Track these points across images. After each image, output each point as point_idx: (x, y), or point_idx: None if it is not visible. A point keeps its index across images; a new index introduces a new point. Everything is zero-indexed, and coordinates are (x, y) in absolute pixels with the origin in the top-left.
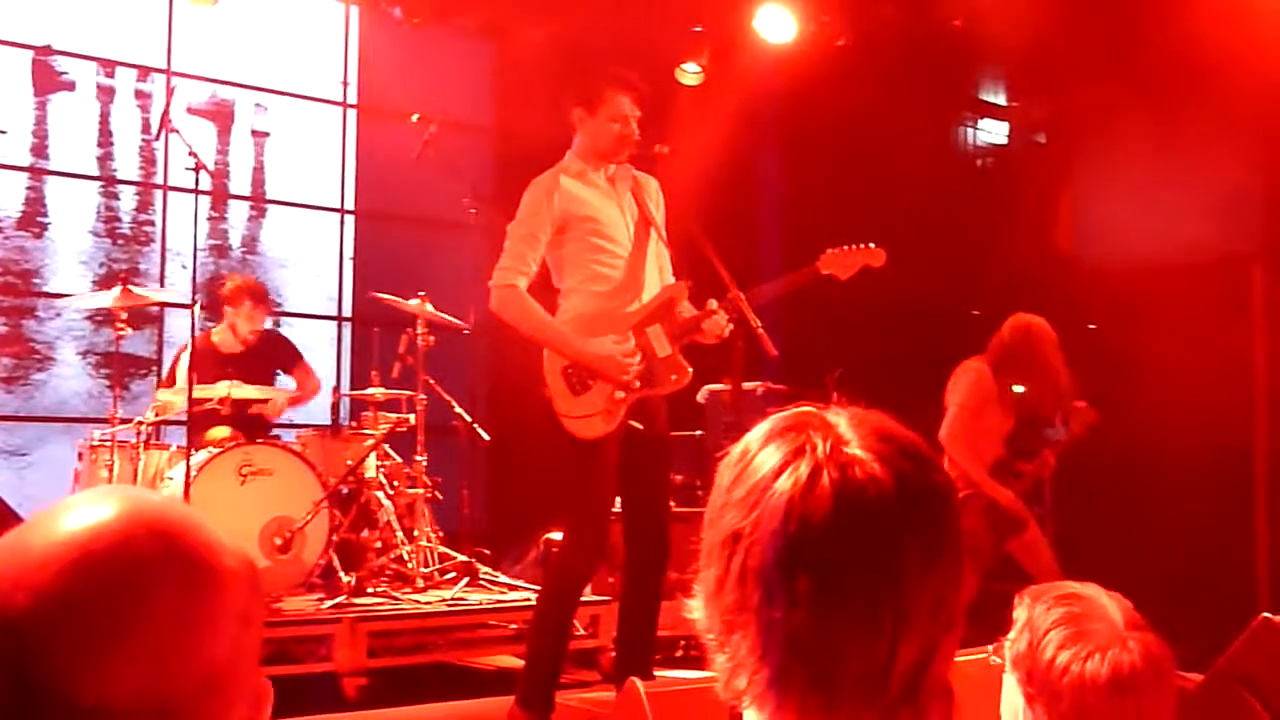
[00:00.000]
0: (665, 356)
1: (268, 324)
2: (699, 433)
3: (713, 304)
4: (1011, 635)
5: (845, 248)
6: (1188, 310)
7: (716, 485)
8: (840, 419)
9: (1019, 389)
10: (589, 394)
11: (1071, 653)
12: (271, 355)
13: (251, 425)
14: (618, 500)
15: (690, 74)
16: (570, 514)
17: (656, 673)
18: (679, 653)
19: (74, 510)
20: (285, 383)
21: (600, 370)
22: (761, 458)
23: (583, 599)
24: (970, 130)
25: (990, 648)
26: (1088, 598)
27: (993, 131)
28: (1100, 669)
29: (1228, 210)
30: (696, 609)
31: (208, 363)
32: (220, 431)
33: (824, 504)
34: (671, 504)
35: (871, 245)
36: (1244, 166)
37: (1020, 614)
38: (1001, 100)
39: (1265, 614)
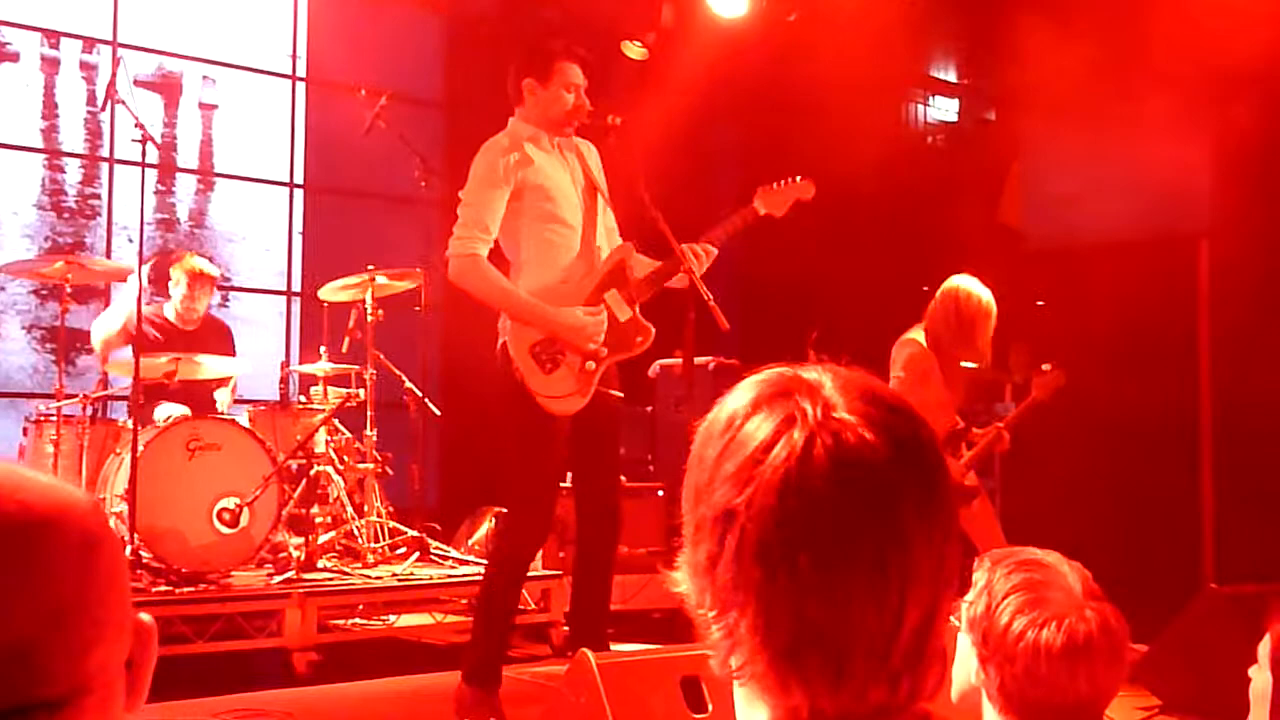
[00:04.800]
0: (627, 320)
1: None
2: (650, 408)
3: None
4: (969, 597)
5: (776, 184)
6: (1135, 286)
7: (699, 457)
8: (825, 380)
9: (968, 364)
10: (560, 370)
11: (1028, 619)
12: (215, 342)
13: (199, 402)
14: (567, 475)
15: (635, 49)
16: (517, 490)
17: (611, 646)
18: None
19: None
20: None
21: (570, 341)
22: (750, 428)
23: (533, 573)
24: (921, 107)
25: None
26: (1048, 565)
27: (943, 108)
28: (1055, 637)
29: (1176, 187)
30: (683, 583)
31: (157, 332)
32: (167, 409)
33: (821, 474)
34: (621, 478)
35: (799, 179)
36: (1192, 143)
37: (979, 576)
38: (952, 77)
39: (1211, 584)
